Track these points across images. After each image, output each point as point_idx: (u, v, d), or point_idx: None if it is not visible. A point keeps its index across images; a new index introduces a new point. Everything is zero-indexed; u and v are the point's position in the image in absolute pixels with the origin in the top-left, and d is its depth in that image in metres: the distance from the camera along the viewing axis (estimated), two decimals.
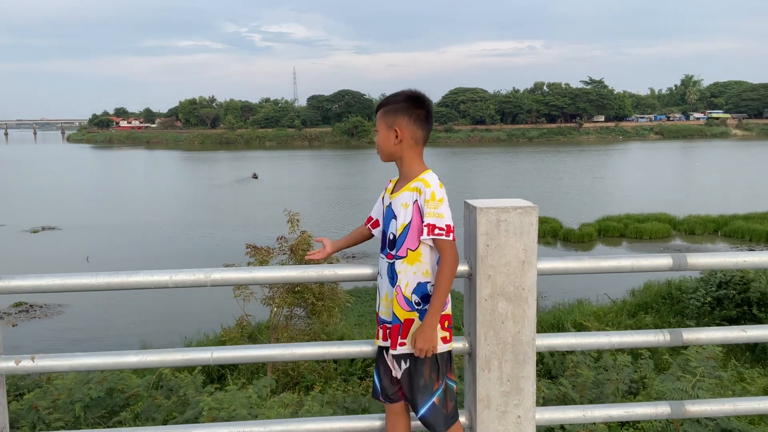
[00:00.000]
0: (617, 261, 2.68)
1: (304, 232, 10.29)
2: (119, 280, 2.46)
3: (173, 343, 15.20)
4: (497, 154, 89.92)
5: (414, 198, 2.49)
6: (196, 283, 2.47)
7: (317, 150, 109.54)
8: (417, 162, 2.60)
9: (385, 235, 2.62)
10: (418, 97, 2.59)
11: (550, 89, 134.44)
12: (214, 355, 2.54)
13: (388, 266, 2.54)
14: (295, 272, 2.69)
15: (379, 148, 2.65)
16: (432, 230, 2.41)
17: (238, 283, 2.59)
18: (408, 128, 2.56)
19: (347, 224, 34.59)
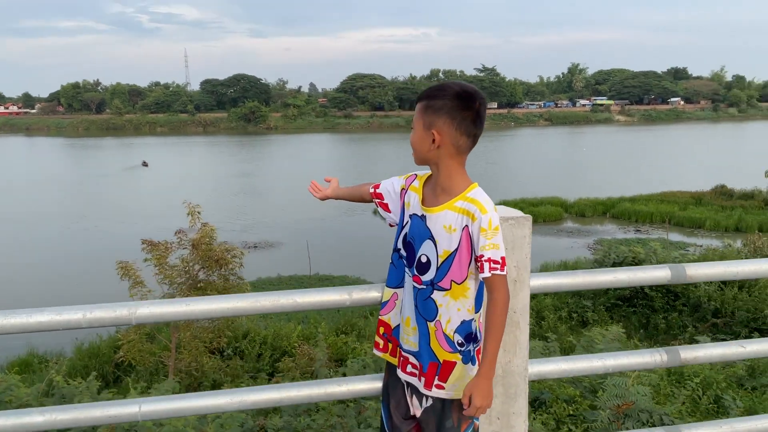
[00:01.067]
0: (614, 275, 2.45)
1: (205, 224, 9.81)
2: (17, 321, 2.02)
3: (61, 344, 14.25)
4: (397, 141, 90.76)
5: (463, 223, 2.10)
6: (117, 321, 2.08)
7: (212, 136, 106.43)
8: (459, 173, 2.17)
9: (411, 251, 2.22)
10: (468, 96, 2.11)
11: (445, 76, 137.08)
12: (143, 409, 2.14)
13: (420, 293, 2.18)
14: (244, 302, 2.18)
15: (414, 148, 2.24)
16: (490, 266, 2.05)
17: (174, 319, 2.17)
18: (449, 134, 2.11)
19: (246, 213, 33.81)
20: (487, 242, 2.05)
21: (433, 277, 2.14)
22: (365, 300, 2.33)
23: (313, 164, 60.55)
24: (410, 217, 2.25)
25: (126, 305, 2.09)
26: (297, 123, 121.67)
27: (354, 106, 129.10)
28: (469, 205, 2.09)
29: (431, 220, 2.16)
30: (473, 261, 2.10)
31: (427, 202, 2.21)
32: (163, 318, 2.12)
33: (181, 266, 9.50)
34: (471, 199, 2.10)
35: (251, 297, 2.20)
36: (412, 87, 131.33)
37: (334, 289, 2.30)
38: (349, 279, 20.40)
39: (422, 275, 2.17)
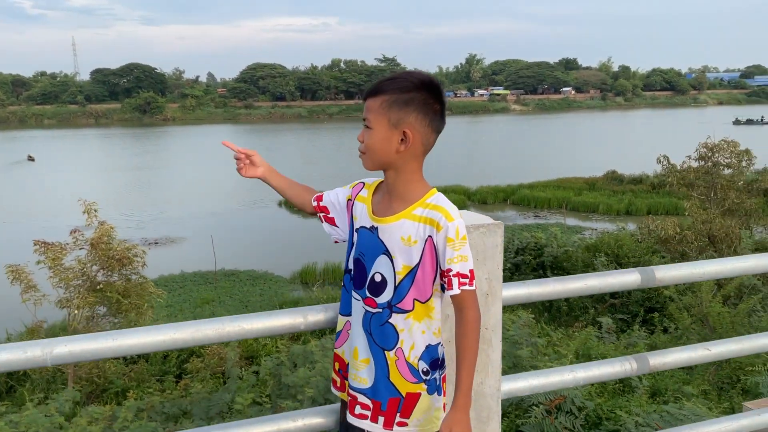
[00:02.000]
0: (584, 281, 2.35)
1: (103, 222, 9.28)
2: None
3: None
4: (299, 131, 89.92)
5: (426, 233, 1.83)
6: (30, 362, 1.75)
7: (105, 128, 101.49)
8: (418, 177, 1.90)
9: (361, 270, 1.93)
10: (436, 86, 1.86)
11: (347, 66, 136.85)
12: None
13: (375, 318, 1.90)
14: (184, 333, 1.89)
15: (371, 153, 1.89)
16: (459, 281, 1.81)
17: (99, 357, 1.85)
18: (421, 131, 1.85)
19: (144, 209, 32.49)
20: (454, 254, 1.82)
21: (391, 298, 1.87)
22: (321, 323, 2.08)
23: (214, 155, 58.99)
24: (357, 231, 1.98)
25: (39, 344, 1.76)
26: (196, 114, 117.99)
27: (255, 96, 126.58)
28: (431, 212, 1.84)
29: (385, 231, 1.89)
30: (438, 276, 1.87)
31: (379, 212, 1.93)
32: (85, 356, 1.81)
33: (78, 267, 8.96)
34: (434, 206, 1.85)
35: (191, 326, 1.90)
36: (314, 77, 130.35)
37: (285, 312, 2.03)
38: (256, 273, 20.05)
39: (377, 297, 1.89)
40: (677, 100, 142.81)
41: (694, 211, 11.75)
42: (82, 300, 8.66)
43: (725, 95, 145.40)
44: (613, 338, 8.53)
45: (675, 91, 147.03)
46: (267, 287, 18.66)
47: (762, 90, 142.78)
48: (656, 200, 28.85)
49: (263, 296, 17.67)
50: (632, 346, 7.85)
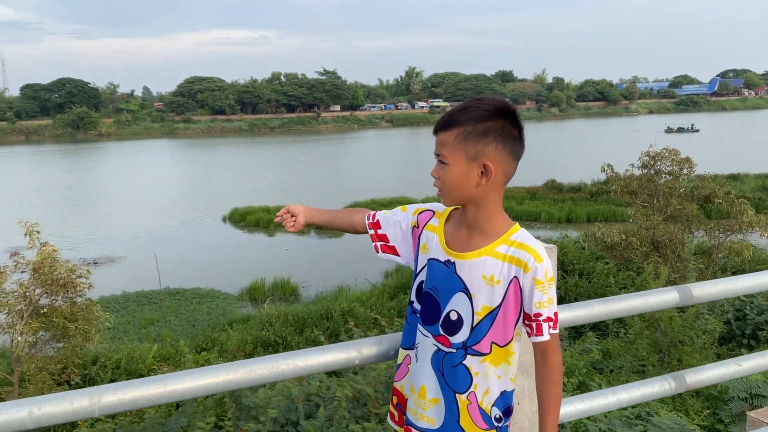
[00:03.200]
0: (627, 302, 2.33)
1: (45, 244, 8.89)
2: None
3: None
4: (238, 145, 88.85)
5: (512, 274, 1.72)
6: (77, 414, 1.61)
7: (36, 145, 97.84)
8: (500, 210, 1.78)
9: (432, 305, 1.82)
10: (511, 110, 1.74)
11: (287, 79, 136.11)
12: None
13: (447, 358, 1.79)
14: (238, 373, 1.80)
15: (449, 189, 1.77)
16: (551, 324, 1.72)
17: (153, 404, 1.71)
18: (502, 161, 1.73)
19: (79, 228, 31.42)
20: (544, 297, 1.70)
21: (467, 339, 1.76)
22: (374, 356, 1.99)
23: (151, 171, 57.64)
24: (429, 261, 1.85)
25: (86, 393, 1.65)
26: (132, 129, 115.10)
27: (193, 110, 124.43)
28: (518, 251, 1.72)
29: (464, 268, 1.76)
30: (521, 319, 1.76)
31: (456, 246, 1.81)
32: (136, 404, 1.68)
33: (20, 292, 8.55)
34: (520, 245, 1.73)
35: (245, 365, 1.81)
36: (254, 90, 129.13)
37: (339, 347, 1.95)
38: (202, 291, 19.60)
39: (451, 336, 1.78)
40: (610, 110, 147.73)
41: (638, 218, 12.10)
42: (24, 326, 8.26)
43: (655, 104, 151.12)
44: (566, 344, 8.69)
45: (607, 101, 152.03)
46: (214, 305, 18.25)
47: (690, 99, 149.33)
48: (595, 207, 29.63)
49: (211, 314, 17.27)
50: (586, 353, 8.02)
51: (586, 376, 6.59)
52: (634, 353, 8.61)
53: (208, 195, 41.59)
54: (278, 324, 14.32)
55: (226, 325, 15.02)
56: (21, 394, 8.36)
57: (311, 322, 14.31)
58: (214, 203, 36.86)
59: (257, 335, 13.59)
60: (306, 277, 20.42)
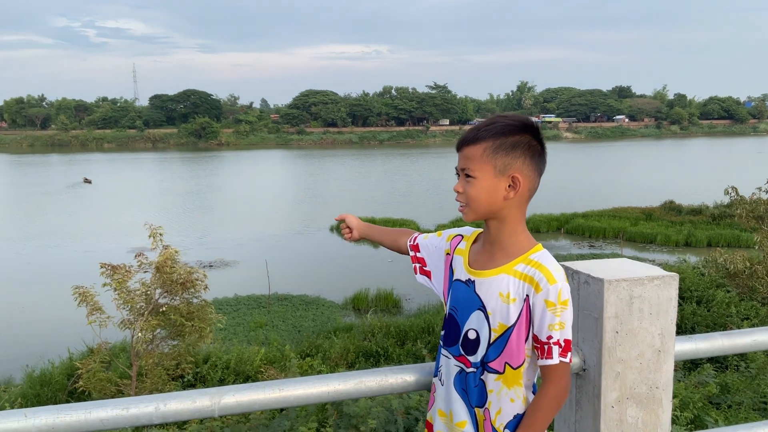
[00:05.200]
0: (753, 336, 2.18)
1: (167, 247, 9.44)
2: (73, 419, 1.65)
3: (10, 370, 13.60)
4: (348, 156, 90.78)
5: (525, 292, 1.70)
6: (198, 413, 1.74)
7: (162, 152, 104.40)
8: (522, 228, 1.78)
9: (453, 325, 1.84)
10: (534, 126, 1.77)
11: (398, 93, 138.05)
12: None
13: (470, 378, 1.79)
14: (348, 384, 1.86)
15: (475, 203, 1.77)
16: (560, 351, 1.68)
17: (266, 407, 1.82)
18: (529, 175, 1.75)
19: (198, 232, 33.10)
20: (556, 320, 1.66)
21: (484, 356, 1.76)
22: (412, 384, 1.97)
23: (266, 180, 59.98)
24: (453, 283, 1.86)
25: (208, 393, 1.76)
26: (249, 139, 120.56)
27: (306, 122, 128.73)
28: (532, 270, 1.70)
29: (482, 285, 1.77)
30: (530, 340, 1.73)
31: (477, 264, 1.81)
32: (252, 407, 1.79)
33: (142, 290, 9.12)
34: (536, 264, 1.71)
35: (356, 377, 1.87)
36: (365, 103, 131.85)
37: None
38: (309, 298, 20.10)
39: (470, 355, 1.78)
40: (736, 129, 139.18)
41: (765, 245, 11.26)
42: (145, 322, 8.80)
43: None
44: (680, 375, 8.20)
45: (733, 119, 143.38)
46: (319, 312, 18.67)
47: None
48: (717, 232, 27.90)
49: (316, 321, 17.67)
50: (702, 385, 7.52)
51: (701, 410, 6.19)
52: (756, 389, 8.00)
53: (317, 205, 42.72)
54: (380, 335, 14.44)
55: (331, 332, 15.32)
56: (138, 387, 8.90)
57: (413, 335, 14.32)
58: (322, 213, 37.82)
59: (359, 345, 13.76)
60: (409, 290, 20.47)
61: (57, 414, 1.66)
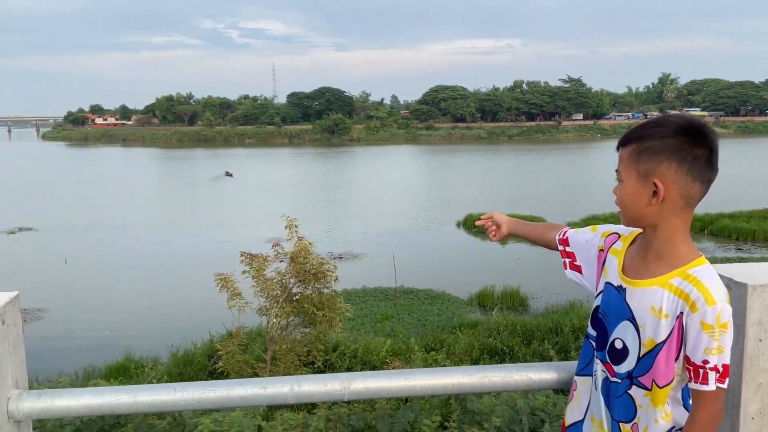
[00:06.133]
0: None
1: (302, 238, 9.89)
2: (216, 395, 1.82)
3: (156, 349, 14.75)
4: (474, 153, 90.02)
5: (679, 309, 1.58)
6: (329, 395, 1.86)
7: (297, 147, 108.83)
8: (683, 237, 1.65)
9: (602, 330, 1.77)
10: (697, 129, 1.60)
11: (529, 87, 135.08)
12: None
13: (613, 387, 1.72)
14: (472, 378, 1.90)
15: (623, 208, 1.71)
16: (717, 377, 1.55)
17: (392, 395, 1.90)
18: (677, 181, 1.59)
19: (328, 223, 34.20)
20: (713, 344, 1.53)
21: (633, 369, 1.67)
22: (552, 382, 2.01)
23: (394, 175, 60.84)
24: (605, 285, 1.78)
25: (338, 378, 1.86)
26: (379, 135, 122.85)
27: (436, 117, 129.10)
28: (689, 286, 1.57)
29: (633, 295, 1.67)
30: (681, 361, 1.61)
31: (630, 271, 1.72)
32: (380, 394, 1.89)
33: (278, 279, 9.61)
34: (694, 280, 1.58)
35: (480, 371, 1.92)
36: (495, 98, 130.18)
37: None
38: (434, 292, 20.22)
39: (616, 365, 1.71)
40: None
41: None
42: (279, 309, 9.26)
43: None
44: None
45: None
46: (444, 307, 18.73)
47: None
48: None
49: (441, 316, 17.76)
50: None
51: None
52: None
53: (442, 200, 42.77)
54: (506, 333, 14.26)
55: (455, 328, 15.33)
56: (272, 371, 9.37)
57: (539, 335, 14.02)
58: (449, 208, 37.83)
59: (484, 342, 13.67)
60: (536, 288, 20.04)
61: (202, 390, 1.83)
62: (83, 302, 19.99)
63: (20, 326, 1.86)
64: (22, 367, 1.86)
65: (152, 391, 1.82)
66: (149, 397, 1.82)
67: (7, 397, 1.76)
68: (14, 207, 40.17)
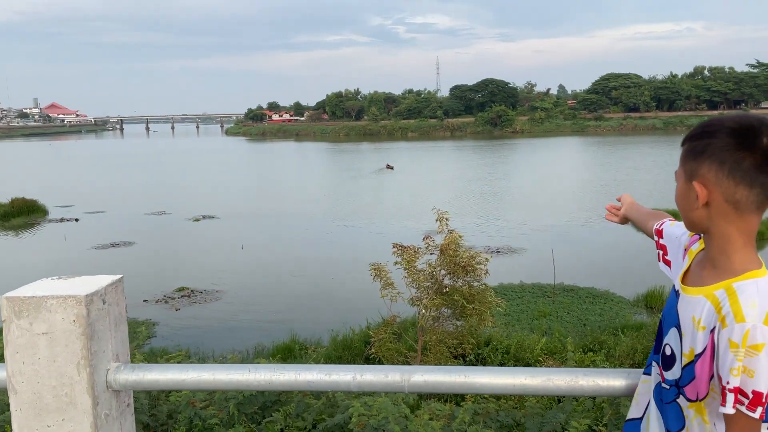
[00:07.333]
0: None
1: (452, 231, 9.95)
2: (286, 378, 1.96)
3: (319, 333, 15.54)
4: (651, 144, 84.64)
5: (713, 323, 1.48)
6: (389, 386, 1.92)
7: (459, 140, 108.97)
8: (738, 245, 1.52)
9: (659, 333, 1.71)
10: (747, 129, 1.47)
11: (711, 74, 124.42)
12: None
13: (664, 393, 1.65)
14: (536, 380, 1.87)
15: (679, 208, 1.65)
16: (737, 399, 1.42)
17: (449, 391, 1.95)
18: (719, 185, 1.48)
19: (489, 218, 33.92)
20: (736, 364, 1.40)
21: (679, 378, 1.58)
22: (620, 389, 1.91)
23: (555, 168, 58.96)
24: (672, 288, 1.71)
25: (399, 370, 1.91)
26: (544, 126, 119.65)
27: (606, 107, 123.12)
28: (725, 301, 1.46)
29: (683, 302, 1.60)
30: (715, 378, 1.49)
31: (689, 277, 1.65)
32: (438, 389, 1.91)
33: (428, 271, 9.75)
34: (732, 293, 1.46)
35: (543, 374, 1.89)
36: (672, 86, 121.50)
37: None
38: (596, 291, 19.38)
39: (666, 371, 1.63)
40: None
41: None
42: (429, 301, 9.39)
43: None
44: None
45: None
46: (607, 307, 17.89)
47: None
48: None
49: (603, 316, 16.99)
50: None
51: None
52: None
53: (605, 194, 40.77)
54: None
55: (618, 329, 14.61)
56: (422, 361, 9.53)
57: None
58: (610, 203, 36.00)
59: (648, 345, 12.89)
60: (640, 264, 18.62)
61: (273, 372, 1.95)
62: (256, 285, 21.53)
63: (123, 306, 2.07)
64: (124, 343, 2.07)
65: (230, 371, 1.96)
66: (227, 376, 1.96)
67: (107, 369, 1.97)
68: (199, 197, 44.16)
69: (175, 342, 15.05)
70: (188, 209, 37.81)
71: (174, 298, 19.95)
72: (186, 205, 39.32)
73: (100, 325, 1.94)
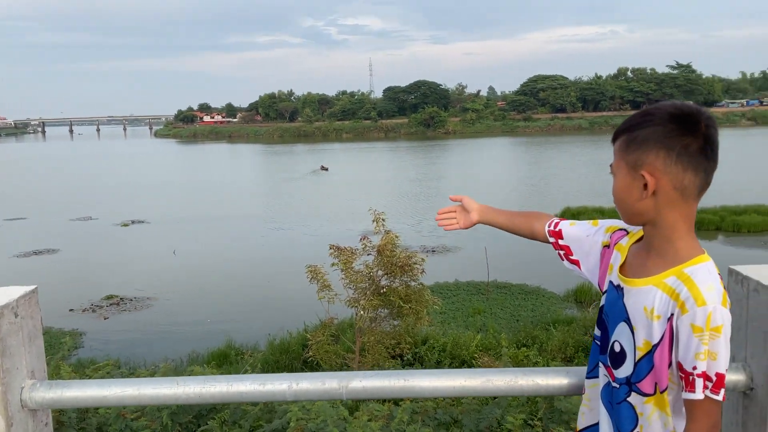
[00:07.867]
0: None
1: (388, 232, 9.95)
2: (217, 390, 1.86)
3: (256, 338, 15.29)
4: (577, 143, 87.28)
5: (670, 310, 1.46)
6: (327, 394, 1.85)
7: (393, 141, 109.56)
8: (683, 233, 1.52)
9: (604, 332, 1.68)
10: (687, 116, 1.47)
11: (634, 75, 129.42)
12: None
13: (614, 393, 1.61)
14: (474, 380, 1.85)
15: (617, 204, 1.60)
16: (705, 385, 1.42)
17: (390, 396, 1.88)
18: (667, 172, 1.47)
19: (422, 218, 34.20)
20: (702, 348, 1.40)
21: (630, 375, 1.56)
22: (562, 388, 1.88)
23: (485, 168, 60.06)
24: (608, 284, 1.67)
25: (337, 376, 1.85)
26: (475, 127, 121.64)
27: (534, 108, 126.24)
28: (681, 286, 1.45)
29: (629, 295, 1.57)
30: (674, 367, 1.49)
31: (629, 270, 1.61)
32: (377, 394, 1.85)
33: (365, 272, 9.72)
34: (686, 279, 1.45)
35: (482, 375, 1.86)
36: (597, 87, 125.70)
37: None
38: (528, 288, 19.81)
39: (615, 369, 1.60)
40: None
41: None
42: (367, 301, 9.36)
43: None
44: None
45: None
46: (539, 303, 18.32)
47: None
48: None
49: (534, 312, 17.38)
50: None
51: None
52: None
53: (541, 193, 41.81)
54: None
55: (549, 324, 14.97)
56: (360, 362, 9.49)
57: None
58: (546, 201, 36.90)
59: (579, 339, 13.26)
60: None
61: (203, 385, 1.86)
62: (189, 291, 21.00)
63: (38, 319, 1.93)
64: (40, 359, 1.94)
65: (156, 385, 1.86)
66: (153, 390, 1.85)
67: (21, 387, 1.84)
68: (128, 201, 42.78)
69: (105, 352, 14.49)
70: (116, 214, 36.57)
71: (102, 306, 19.22)
72: (114, 210, 38.02)
73: (13, 340, 1.80)
